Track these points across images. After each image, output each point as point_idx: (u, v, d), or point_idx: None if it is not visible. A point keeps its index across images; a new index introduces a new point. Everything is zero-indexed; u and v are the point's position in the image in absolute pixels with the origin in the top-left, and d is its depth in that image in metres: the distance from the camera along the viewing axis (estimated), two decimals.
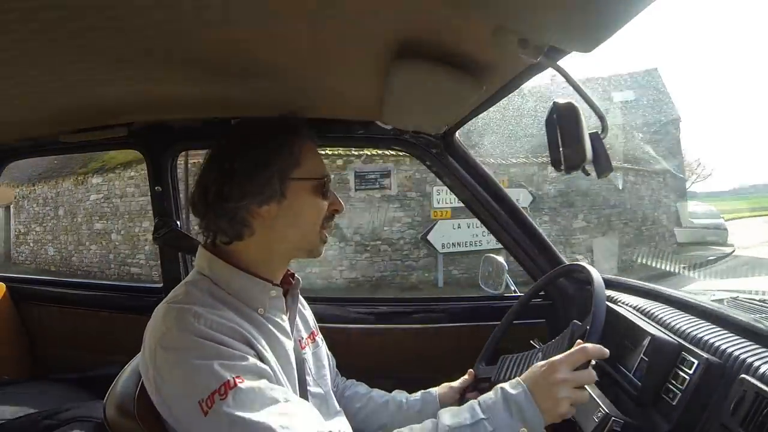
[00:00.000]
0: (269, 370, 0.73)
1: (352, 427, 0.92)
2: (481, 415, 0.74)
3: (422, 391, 1.08)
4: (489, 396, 0.78)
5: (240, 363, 0.69)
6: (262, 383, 0.69)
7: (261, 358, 0.74)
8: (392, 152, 5.76)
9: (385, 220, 7.86)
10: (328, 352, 1.06)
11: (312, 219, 0.85)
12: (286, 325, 0.85)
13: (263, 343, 0.76)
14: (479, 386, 1.04)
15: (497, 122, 7.88)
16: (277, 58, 0.83)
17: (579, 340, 0.82)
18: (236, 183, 0.79)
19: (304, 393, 0.84)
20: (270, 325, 0.81)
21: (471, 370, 1.10)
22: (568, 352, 0.79)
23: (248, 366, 0.70)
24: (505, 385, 0.78)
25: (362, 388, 1.10)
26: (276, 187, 0.80)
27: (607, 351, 0.79)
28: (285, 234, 0.83)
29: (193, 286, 0.79)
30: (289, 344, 0.83)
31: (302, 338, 0.93)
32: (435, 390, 1.08)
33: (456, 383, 1.08)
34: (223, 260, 0.81)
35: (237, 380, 0.66)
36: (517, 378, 0.79)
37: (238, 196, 0.79)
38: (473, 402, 0.78)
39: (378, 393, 1.09)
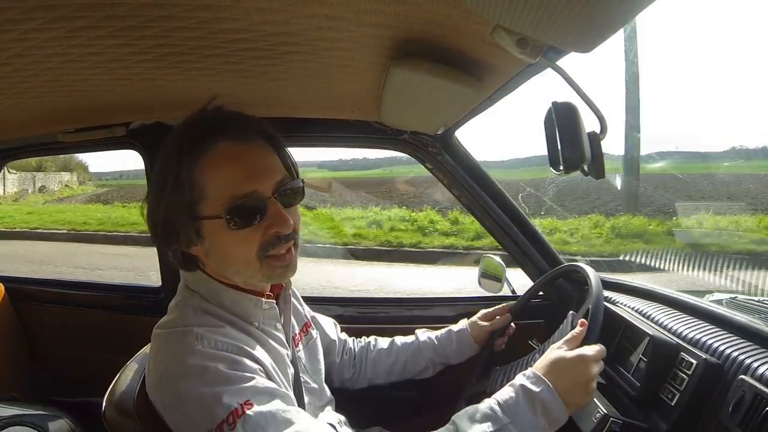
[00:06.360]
0: (277, 386, 0.70)
1: (390, 380, 1.05)
2: (505, 420, 0.69)
3: (450, 328, 1.12)
4: (508, 394, 0.72)
5: (247, 385, 0.65)
6: (272, 405, 0.65)
7: (267, 372, 0.71)
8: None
9: None
10: (328, 327, 1.07)
11: (241, 256, 0.71)
12: (282, 334, 0.83)
13: (264, 355, 0.74)
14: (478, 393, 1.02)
15: None
16: (275, 58, 0.83)
17: (582, 320, 0.82)
18: (156, 228, 0.71)
19: (299, 391, 0.83)
20: (267, 337, 0.78)
21: (508, 305, 1.15)
22: (594, 347, 0.79)
23: (257, 387, 0.66)
24: (525, 381, 0.73)
25: (382, 342, 1.12)
26: (188, 231, 0.69)
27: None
28: (227, 270, 0.75)
29: (186, 306, 0.74)
30: (286, 353, 0.81)
31: (295, 334, 0.91)
32: (466, 327, 1.10)
33: (488, 325, 1.11)
34: (208, 275, 0.76)
35: (245, 407, 0.63)
36: (532, 370, 0.75)
37: (164, 240, 0.72)
38: (492, 403, 0.72)
39: (402, 342, 1.11)
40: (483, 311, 1.14)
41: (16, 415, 1.23)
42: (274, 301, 0.82)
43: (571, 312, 0.97)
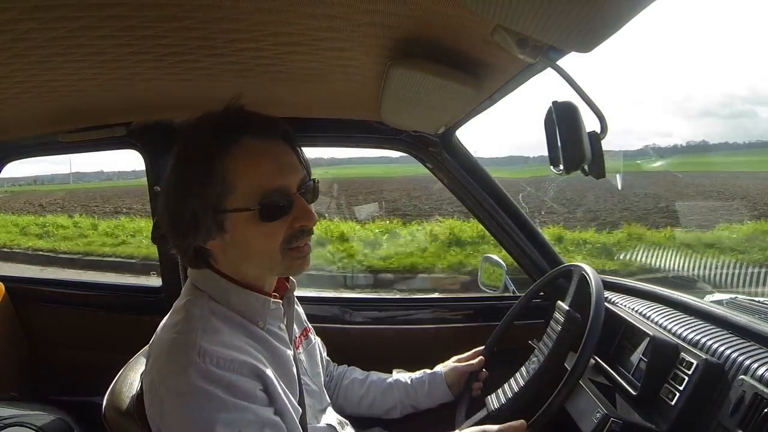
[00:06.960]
0: (270, 415, 0.70)
1: (357, 414, 0.98)
2: None
3: (425, 371, 1.11)
4: None
5: (243, 416, 0.66)
6: None
7: (266, 386, 0.72)
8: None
9: None
10: (319, 344, 1.06)
11: (264, 248, 0.73)
12: (285, 334, 0.83)
13: (267, 360, 0.74)
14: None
15: None
16: (275, 58, 0.83)
17: (522, 421, 0.82)
18: (171, 222, 0.72)
19: (301, 393, 0.83)
20: (271, 338, 0.78)
21: (479, 350, 1.13)
22: None
23: (249, 419, 0.67)
24: None
25: (358, 373, 1.12)
26: (210, 224, 0.70)
27: None
28: (244, 264, 0.76)
29: (194, 306, 0.74)
30: (289, 353, 0.81)
31: (296, 337, 0.92)
32: (441, 370, 1.10)
33: (463, 366, 1.10)
34: (217, 274, 0.77)
35: None
36: None
37: (178, 235, 0.72)
38: None
39: (377, 378, 1.10)
40: (456, 357, 1.15)
41: (16, 415, 1.23)
42: (280, 301, 0.83)
43: (558, 302, 0.98)
